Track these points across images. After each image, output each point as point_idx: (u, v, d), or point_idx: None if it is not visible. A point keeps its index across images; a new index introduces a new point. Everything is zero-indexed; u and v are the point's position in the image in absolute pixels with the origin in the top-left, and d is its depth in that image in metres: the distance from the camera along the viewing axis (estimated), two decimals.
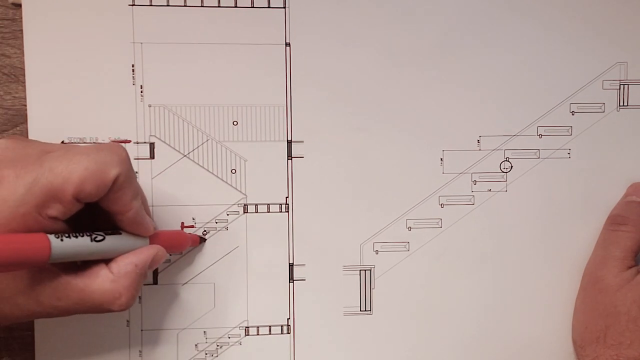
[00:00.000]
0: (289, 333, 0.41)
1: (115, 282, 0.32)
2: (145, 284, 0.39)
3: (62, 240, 0.30)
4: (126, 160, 0.32)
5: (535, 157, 0.42)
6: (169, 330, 0.40)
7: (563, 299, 0.42)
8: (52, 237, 0.30)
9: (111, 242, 0.33)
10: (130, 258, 0.33)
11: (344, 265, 0.41)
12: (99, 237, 0.32)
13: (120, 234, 0.33)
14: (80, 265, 0.32)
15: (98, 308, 0.32)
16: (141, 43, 0.39)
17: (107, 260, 0.33)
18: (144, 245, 0.34)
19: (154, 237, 0.35)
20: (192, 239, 0.39)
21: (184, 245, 0.38)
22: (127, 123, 0.39)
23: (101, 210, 0.33)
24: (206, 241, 0.40)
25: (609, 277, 0.39)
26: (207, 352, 0.40)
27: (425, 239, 0.41)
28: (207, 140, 0.40)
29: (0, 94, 0.39)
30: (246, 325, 0.41)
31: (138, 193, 0.33)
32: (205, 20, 0.39)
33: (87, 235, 0.32)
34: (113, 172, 0.31)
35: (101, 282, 0.32)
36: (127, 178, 0.32)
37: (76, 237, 0.31)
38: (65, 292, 0.31)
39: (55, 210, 0.30)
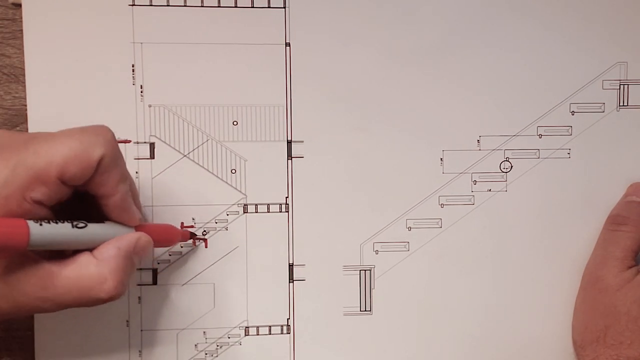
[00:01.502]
0: (289, 333, 0.41)
1: (99, 266, 0.31)
2: (145, 284, 0.40)
3: (41, 225, 0.30)
4: (112, 141, 0.32)
5: (535, 157, 0.42)
6: (168, 330, 0.40)
7: (563, 299, 0.42)
8: (31, 222, 0.29)
9: (94, 230, 0.32)
10: (112, 242, 0.32)
11: (344, 265, 0.41)
12: (81, 225, 0.31)
13: (104, 223, 0.33)
14: (65, 255, 0.32)
15: (86, 297, 0.31)
16: (141, 43, 0.39)
17: (91, 250, 0.32)
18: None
19: (139, 228, 0.34)
20: (182, 235, 0.38)
21: (172, 240, 0.37)
22: (127, 123, 0.39)
23: (91, 203, 0.33)
24: (199, 238, 0.39)
25: (609, 277, 0.39)
26: (207, 352, 0.40)
27: (425, 239, 0.41)
28: (207, 140, 0.40)
29: (0, 94, 0.39)
30: (246, 325, 0.41)
31: (126, 178, 0.33)
32: (205, 20, 0.39)
33: (69, 222, 0.31)
34: (97, 153, 0.30)
35: (85, 267, 0.31)
36: (112, 160, 0.31)
37: (56, 223, 0.30)
38: (49, 280, 0.31)
39: (39, 193, 0.30)
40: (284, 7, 0.40)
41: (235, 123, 0.40)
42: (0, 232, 0.28)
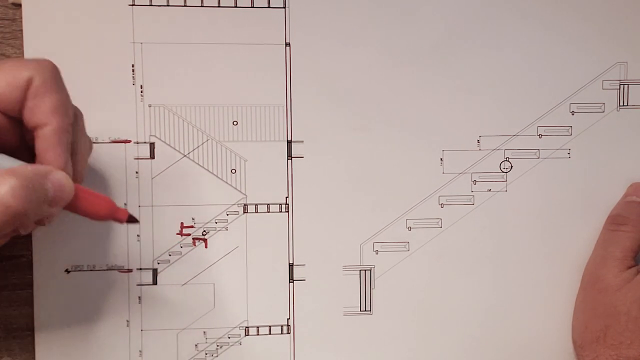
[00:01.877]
0: (289, 333, 0.41)
1: None
2: (145, 284, 0.40)
3: None
4: (47, 67, 0.31)
5: (535, 157, 0.42)
6: (169, 330, 0.40)
7: (563, 299, 0.42)
8: None
9: (7, 161, 0.30)
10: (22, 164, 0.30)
11: (344, 265, 0.41)
12: None
13: (21, 162, 0.30)
14: None
15: None
16: (141, 43, 0.39)
17: None
18: None
19: None
20: (118, 212, 0.33)
21: (98, 211, 0.32)
22: (127, 123, 0.39)
23: None
24: (137, 222, 0.34)
25: (609, 277, 0.39)
26: (207, 352, 0.40)
27: (425, 239, 0.41)
28: (207, 140, 0.40)
29: None
30: (246, 325, 0.41)
31: (64, 113, 0.31)
32: (205, 20, 0.39)
33: None
34: (26, 74, 0.30)
35: None
36: (45, 85, 0.30)
37: None
38: None
39: None
40: (284, 7, 0.40)
41: (235, 123, 0.40)
42: None
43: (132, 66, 0.39)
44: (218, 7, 0.39)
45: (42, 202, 0.29)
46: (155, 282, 0.40)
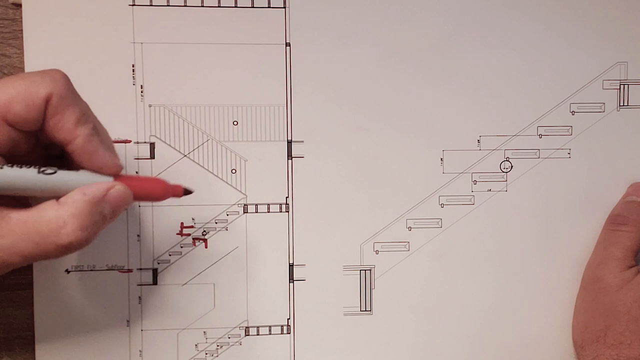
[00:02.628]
0: (289, 333, 0.41)
1: (59, 210, 0.30)
2: (145, 284, 0.40)
3: (1, 168, 0.29)
4: (62, 80, 0.31)
5: (535, 157, 0.42)
6: (169, 330, 0.40)
7: (563, 299, 0.42)
8: None
9: (64, 177, 0.31)
10: (80, 188, 0.30)
11: (344, 265, 0.41)
12: (49, 171, 0.30)
13: (79, 171, 0.31)
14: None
15: (46, 243, 0.30)
16: (141, 43, 0.39)
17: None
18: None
19: (119, 179, 0.32)
20: (173, 189, 0.34)
21: (157, 194, 0.34)
22: (127, 123, 0.39)
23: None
24: (192, 193, 0.35)
25: (609, 277, 0.39)
26: (207, 352, 0.40)
27: (425, 239, 0.41)
28: (207, 140, 0.40)
29: None
30: (246, 325, 0.41)
31: (87, 120, 0.31)
32: (205, 20, 0.39)
33: (35, 168, 0.30)
34: (43, 91, 0.30)
35: (44, 210, 0.30)
36: (63, 99, 0.30)
37: (20, 167, 0.30)
38: (7, 226, 0.29)
39: None
40: (284, 7, 0.40)
41: (235, 123, 0.40)
42: None
43: (132, 66, 0.39)
44: (218, 7, 0.39)
45: (101, 225, 0.31)
46: (155, 282, 0.40)
